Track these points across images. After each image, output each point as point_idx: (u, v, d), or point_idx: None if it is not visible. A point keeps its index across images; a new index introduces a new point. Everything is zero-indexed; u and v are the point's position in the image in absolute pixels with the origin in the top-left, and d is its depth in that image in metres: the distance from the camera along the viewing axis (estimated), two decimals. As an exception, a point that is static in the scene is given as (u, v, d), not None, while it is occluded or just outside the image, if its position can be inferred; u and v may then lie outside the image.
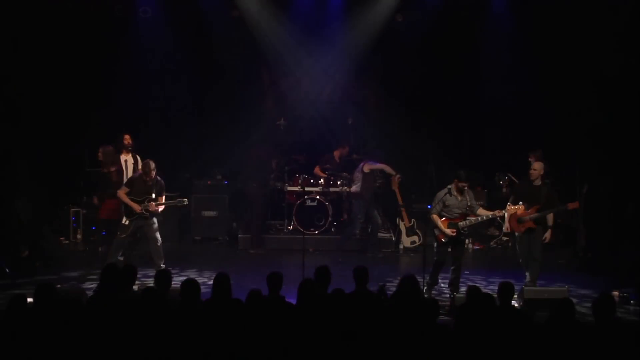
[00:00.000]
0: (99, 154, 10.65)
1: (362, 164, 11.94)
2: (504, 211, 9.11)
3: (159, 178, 9.84)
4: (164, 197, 9.95)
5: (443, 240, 8.98)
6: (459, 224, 8.92)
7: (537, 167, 9.39)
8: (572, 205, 9.31)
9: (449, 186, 9.02)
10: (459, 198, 8.96)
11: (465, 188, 8.97)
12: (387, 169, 11.96)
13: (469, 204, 9.00)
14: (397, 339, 5.55)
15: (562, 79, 12.48)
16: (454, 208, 8.95)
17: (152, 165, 9.67)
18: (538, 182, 9.34)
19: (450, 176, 9.12)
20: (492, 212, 9.10)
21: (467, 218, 8.96)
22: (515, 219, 9.21)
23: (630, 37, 11.60)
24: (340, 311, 5.91)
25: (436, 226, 9.01)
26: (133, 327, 5.67)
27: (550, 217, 9.22)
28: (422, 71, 13.25)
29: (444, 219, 8.98)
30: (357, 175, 11.91)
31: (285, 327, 5.72)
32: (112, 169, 10.55)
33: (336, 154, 12.93)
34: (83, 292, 7.91)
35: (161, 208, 9.88)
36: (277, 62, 13.59)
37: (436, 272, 9.10)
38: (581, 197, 11.10)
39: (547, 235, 9.22)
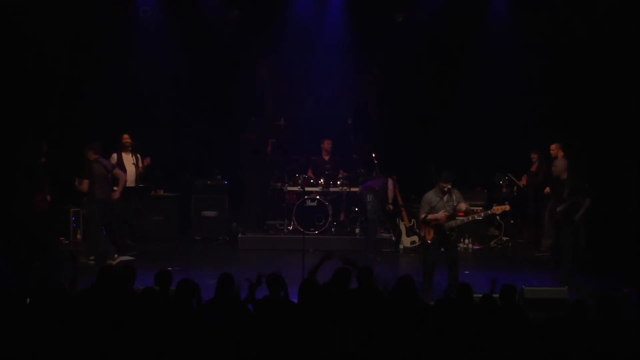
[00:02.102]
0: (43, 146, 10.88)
1: (392, 182, 12.01)
2: (489, 211, 9.30)
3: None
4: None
5: (429, 242, 8.96)
6: (445, 225, 8.91)
7: (558, 165, 9.85)
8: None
9: (435, 187, 9.03)
10: (444, 199, 8.92)
11: (447, 189, 8.89)
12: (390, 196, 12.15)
13: (455, 204, 8.93)
14: (400, 338, 5.55)
15: (562, 79, 12.49)
16: (440, 210, 8.91)
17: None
18: (564, 176, 9.69)
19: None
20: (474, 213, 9.22)
21: (455, 218, 8.94)
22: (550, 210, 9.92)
23: (630, 38, 11.60)
24: (342, 310, 5.90)
25: (422, 227, 9.03)
26: (133, 327, 5.67)
27: (587, 202, 9.59)
28: (422, 71, 13.26)
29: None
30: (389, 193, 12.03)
31: (288, 327, 5.72)
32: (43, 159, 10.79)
33: (322, 151, 12.96)
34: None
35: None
36: (277, 62, 13.62)
37: (429, 275, 8.96)
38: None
39: (579, 214, 9.59)
